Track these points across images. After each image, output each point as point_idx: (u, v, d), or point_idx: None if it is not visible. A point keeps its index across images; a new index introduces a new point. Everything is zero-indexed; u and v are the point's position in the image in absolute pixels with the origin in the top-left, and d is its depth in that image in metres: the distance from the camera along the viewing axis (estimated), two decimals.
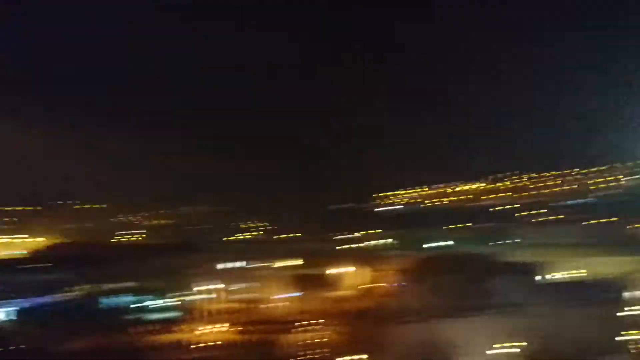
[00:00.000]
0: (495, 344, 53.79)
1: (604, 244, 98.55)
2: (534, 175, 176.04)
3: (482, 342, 55.29)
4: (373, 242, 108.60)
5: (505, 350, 51.67)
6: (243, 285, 75.11)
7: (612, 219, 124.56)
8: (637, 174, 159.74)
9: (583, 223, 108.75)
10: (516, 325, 55.34)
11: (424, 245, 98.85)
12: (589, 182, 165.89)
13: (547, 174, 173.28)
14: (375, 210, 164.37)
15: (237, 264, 79.28)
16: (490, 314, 58.32)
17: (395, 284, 78.71)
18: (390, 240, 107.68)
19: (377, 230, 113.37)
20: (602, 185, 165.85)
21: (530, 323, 56.54)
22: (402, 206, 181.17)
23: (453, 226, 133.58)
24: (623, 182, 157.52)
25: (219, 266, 78.20)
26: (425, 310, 61.29)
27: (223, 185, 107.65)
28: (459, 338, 54.35)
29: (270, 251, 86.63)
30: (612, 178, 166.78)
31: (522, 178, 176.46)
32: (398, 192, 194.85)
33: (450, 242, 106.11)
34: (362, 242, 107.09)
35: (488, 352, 54.01)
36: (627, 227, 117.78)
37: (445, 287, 66.63)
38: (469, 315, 58.45)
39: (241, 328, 64.88)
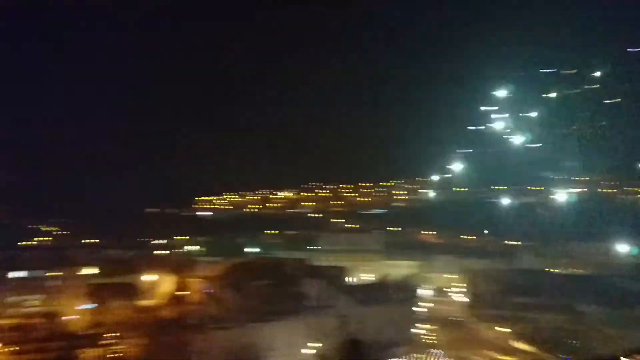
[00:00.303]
0: (307, 343, 54.94)
1: (396, 250, 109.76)
2: (345, 185, 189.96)
3: (294, 342, 56.09)
4: (187, 248, 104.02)
5: (316, 348, 53.08)
6: (35, 297, 64.34)
7: (398, 229, 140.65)
8: (421, 190, 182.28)
9: (377, 231, 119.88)
10: (326, 325, 57.36)
11: (239, 251, 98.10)
12: (393, 193, 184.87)
13: (358, 185, 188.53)
14: (192, 215, 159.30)
15: (32, 273, 67.31)
16: (302, 315, 59.57)
17: (207, 291, 76.05)
18: (203, 246, 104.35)
19: (190, 236, 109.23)
20: (401, 197, 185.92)
21: (338, 322, 59.15)
22: (219, 211, 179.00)
23: (269, 232, 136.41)
24: (410, 196, 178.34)
25: (10, 275, 65.89)
26: (237, 316, 60.07)
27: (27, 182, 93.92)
28: (272, 341, 54.37)
29: (70, 258, 76.14)
30: (402, 192, 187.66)
31: (335, 187, 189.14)
32: (219, 197, 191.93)
33: (264, 248, 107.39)
34: (176, 248, 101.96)
35: (302, 351, 55.00)
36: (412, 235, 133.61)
37: (258, 292, 66.42)
38: (281, 318, 58.91)
39: (26, 347, 55.21)
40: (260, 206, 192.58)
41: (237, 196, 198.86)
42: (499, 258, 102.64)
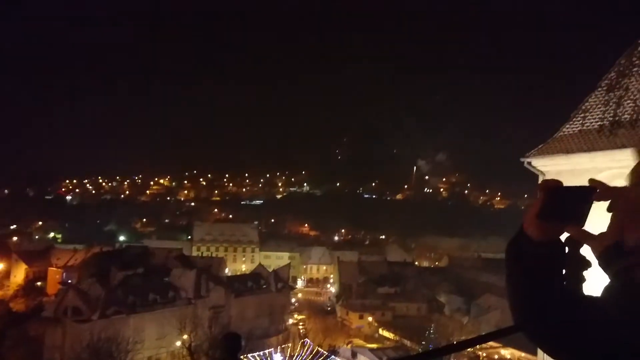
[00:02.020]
0: (178, 335, 52.95)
1: (272, 240, 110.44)
2: (224, 175, 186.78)
3: (164, 335, 53.78)
4: (46, 233, 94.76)
5: (186, 341, 51.32)
6: None
7: (273, 220, 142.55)
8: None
9: (254, 222, 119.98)
10: (198, 316, 55.81)
11: (107, 238, 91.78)
12: (273, 184, 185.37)
13: (238, 175, 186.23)
14: (55, 197, 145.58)
15: None
16: (173, 307, 57.27)
17: (66, 280, 70.07)
18: (65, 232, 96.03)
19: (52, 221, 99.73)
20: (281, 189, 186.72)
21: (213, 311, 57.88)
22: (89, 194, 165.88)
23: (142, 219, 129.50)
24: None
25: None
26: (100, 307, 55.94)
27: None
28: (139, 333, 51.59)
29: None
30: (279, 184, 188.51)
31: (214, 176, 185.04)
32: (89, 179, 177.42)
33: (136, 236, 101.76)
34: (34, 233, 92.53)
35: (177, 342, 52.94)
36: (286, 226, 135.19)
37: (125, 282, 62.46)
38: (150, 309, 56.11)
39: None
40: (135, 192, 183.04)
41: (110, 180, 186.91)
42: (369, 250, 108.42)
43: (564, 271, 1.01)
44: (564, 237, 0.98)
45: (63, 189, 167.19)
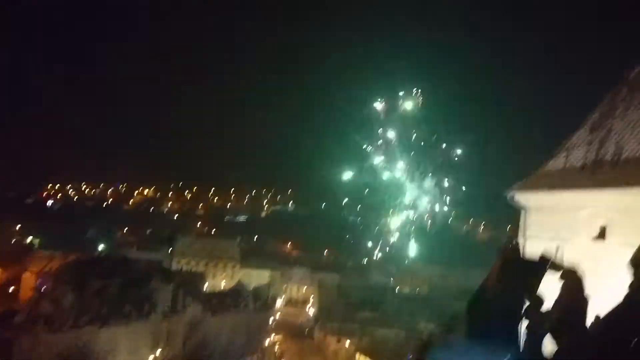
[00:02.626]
0: (152, 349, 51.97)
1: (253, 258, 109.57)
2: (210, 188, 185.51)
3: (137, 348, 52.74)
4: (24, 238, 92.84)
5: (164, 353, 50.43)
6: None
7: (256, 237, 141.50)
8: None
9: (236, 237, 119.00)
10: (174, 331, 54.95)
11: (86, 246, 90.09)
12: (258, 202, 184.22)
13: (223, 190, 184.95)
14: (37, 202, 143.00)
15: None
16: (149, 320, 56.26)
17: (41, 287, 68.52)
18: (44, 237, 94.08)
19: (31, 225, 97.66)
20: (265, 206, 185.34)
21: (189, 327, 56.98)
22: (71, 200, 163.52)
23: (124, 228, 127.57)
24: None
25: None
26: (74, 317, 54.75)
27: None
28: (112, 345, 50.53)
29: None
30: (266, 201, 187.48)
31: (199, 190, 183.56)
32: (73, 185, 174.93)
33: (116, 245, 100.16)
34: (11, 237, 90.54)
35: (149, 357, 51.86)
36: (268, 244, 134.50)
37: (102, 292, 61.31)
38: (125, 321, 55.05)
39: None
40: (118, 200, 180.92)
41: (93, 186, 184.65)
42: (351, 273, 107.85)
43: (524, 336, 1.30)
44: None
45: (44, 194, 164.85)
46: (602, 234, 11.61)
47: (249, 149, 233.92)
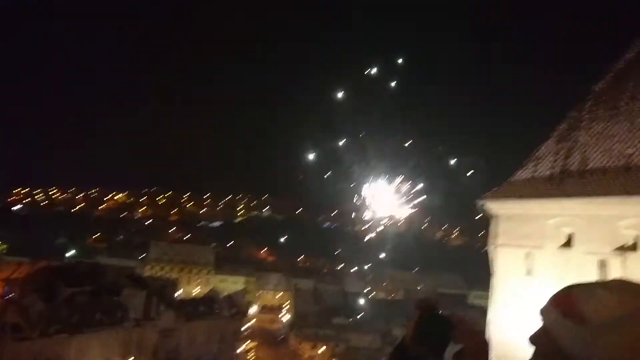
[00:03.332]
0: (126, 356, 50.98)
1: (227, 264, 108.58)
2: (184, 194, 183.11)
3: (107, 356, 51.66)
4: None
5: None
6: None
7: (231, 243, 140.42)
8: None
9: (210, 244, 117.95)
10: (146, 339, 54.07)
11: (55, 252, 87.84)
12: (232, 207, 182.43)
13: (197, 195, 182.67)
14: (2, 207, 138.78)
15: None
16: (120, 328, 55.18)
17: (7, 295, 66.58)
18: (9, 243, 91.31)
19: None
20: (240, 212, 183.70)
21: (161, 335, 56.13)
22: (40, 206, 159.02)
23: (95, 234, 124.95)
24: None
25: None
26: (42, 325, 53.41)
27: None
28: (82, 354, 49.43)
29: None
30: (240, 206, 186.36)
31: (173, 195, 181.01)
32: (42, 190, 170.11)
33: (87, 252, 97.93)
34: None
35: None
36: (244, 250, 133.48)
37: (72, 300, 59.94)
38: (96, 329, 53.90)
39: None
40: (90, 205, 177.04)
41: (63, 191, 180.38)
42: (326, 279, 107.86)
43: None
44: None
45: (12, 198, 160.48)
46: (568, 242, 11.96)
47: (224, 154, 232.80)
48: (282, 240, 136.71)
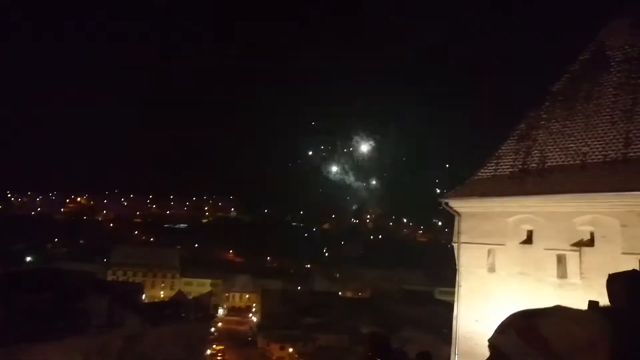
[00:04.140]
0: None
1: (194, 266, 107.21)
2: (149, 196, 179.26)
3: None
4: None
5: None
6: None
7: (196, 245, 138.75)
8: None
9: (176, 246, 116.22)
10: (111, 346, 52.78)
11: (12, 258, 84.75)
12: (199, 209, 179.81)
13: (163, 197, 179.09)
14: None
15: None
16: (83, 335, 53.65)
17: None
18: None
19: None
20: (207, 213, 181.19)
21: (126, 341, 54.89)
22: None
23: (55, 239, 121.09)
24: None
25: None
26: (5, 335, 51.52)
27: None
28: None
29: None
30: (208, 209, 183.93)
31: (137, 197, 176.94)
32: None
33: (46, 257, 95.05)
34: None
35: None
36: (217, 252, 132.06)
37: (31, 308, 58.00)
38: (58, 337, 52.27)
39: None
40: (48, 209, 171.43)
41: (20, 195, 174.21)
42: (294, 279, 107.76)
43: None
44: None
45: None
46: (529, 239, 12.27)
47: (188, 154, 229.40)
48: (249, 241, 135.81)
